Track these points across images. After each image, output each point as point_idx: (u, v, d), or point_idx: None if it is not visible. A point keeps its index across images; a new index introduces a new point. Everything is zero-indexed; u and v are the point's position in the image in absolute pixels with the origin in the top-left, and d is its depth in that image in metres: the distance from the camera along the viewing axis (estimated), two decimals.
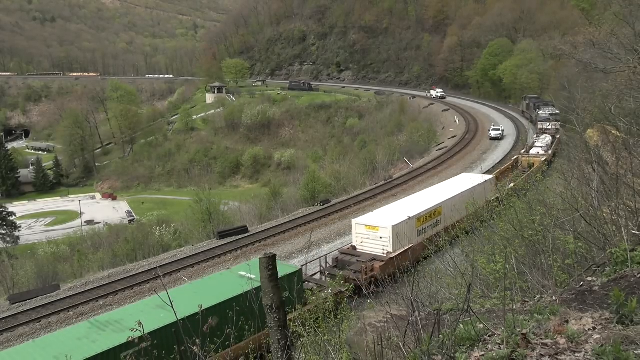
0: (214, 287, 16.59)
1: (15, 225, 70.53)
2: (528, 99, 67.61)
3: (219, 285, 16.58)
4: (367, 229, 22.71)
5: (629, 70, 18.10)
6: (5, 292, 28.40)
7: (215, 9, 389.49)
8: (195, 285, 18.21)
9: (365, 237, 22.70)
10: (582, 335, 3.65)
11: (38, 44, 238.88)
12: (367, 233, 22.66)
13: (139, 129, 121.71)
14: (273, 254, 5.10)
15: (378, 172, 52.80)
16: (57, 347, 13.10)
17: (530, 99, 66.85)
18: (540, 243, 9.37)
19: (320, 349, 7.14)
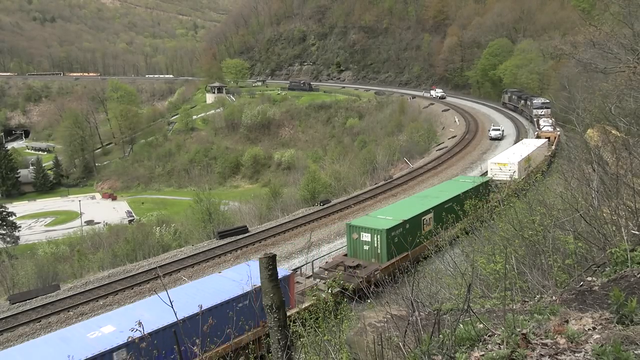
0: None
1: (15, 225, 70.52)
2: (509, 92, 78.79)
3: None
4: (498, 165, 33.41)
5: (629, 70, 18.10)
6: (5, 292, 28.40)
7: (215, 9, 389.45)
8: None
9: (497, 170, 33.15)
10: (582, 335, 3.65)
11: (38, 44, 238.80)
12: (499, 167, 33.21)
13: (139, 129, 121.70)
14: (273, 254, 5.10)
15: (378, 172, 52.80)
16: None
17: (511, 92, 78.11)
18: (540, 243, 9.37)
19: (320, 349, 7.14)
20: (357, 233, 21.82)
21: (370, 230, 21.49)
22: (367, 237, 21.48)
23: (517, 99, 74.38)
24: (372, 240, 21.35)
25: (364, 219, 23.56)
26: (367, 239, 21.47)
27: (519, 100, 73.50)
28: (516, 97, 75.07)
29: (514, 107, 75.47)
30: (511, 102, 77.61)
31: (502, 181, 29.91)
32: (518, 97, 74.21)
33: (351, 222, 23.06)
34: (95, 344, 13.40)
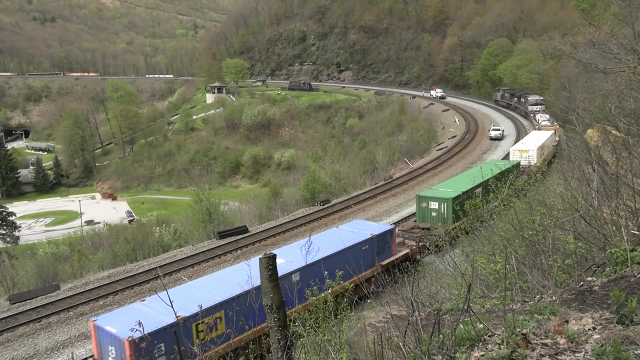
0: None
1: (15, 225, 70.52)
2: (502, 90, 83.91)
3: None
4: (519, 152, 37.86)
5: (629, 70, 18.10)
6: (5, 292, 28.38)
7: (215, 9, 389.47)
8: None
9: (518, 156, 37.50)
10: (582, 335, 3.65)
11: (38, 44, 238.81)
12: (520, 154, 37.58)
13: (139, 129, 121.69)
14: (273, 254, 5.10)
15: (378, 172, 52.79)
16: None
17: (503, 90, 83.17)
18: (540, 243, 9.37)
19: (320, 349, 7.14)
20: (425, 202, 26.47)
21: (437, 199, 25.98)
22: (434, 205, 26.15)
23: (509, 96, 79.25)
24: (439, 208, 25.84)
25: (430, 190, 28.56)
26: (435, 207, 26.07)
27: (511, 97, 78.15)
28: (509, 95, 79.81)
29: (507, 105, 79.69)
30: (504, 99, 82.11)
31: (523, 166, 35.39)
32: (511, 94, 78.88)
33: (420, 193, 27.92)
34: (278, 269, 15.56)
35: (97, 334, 14.70)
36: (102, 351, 14.59)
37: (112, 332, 13.92)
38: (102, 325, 14.42)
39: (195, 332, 14.35)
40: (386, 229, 22.54)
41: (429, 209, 26.32)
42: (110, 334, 13.99)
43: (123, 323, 13.85)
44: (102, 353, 14.55)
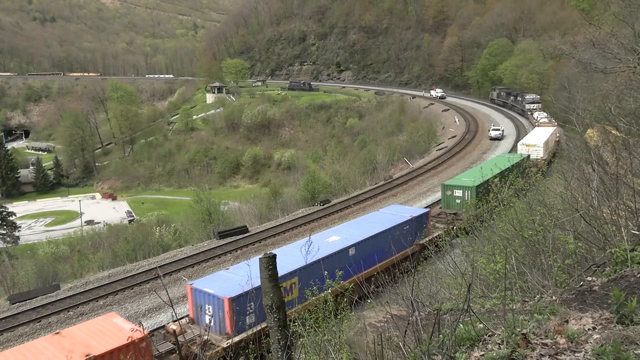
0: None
1: (15, 225, 70.55)
2: (497, 89, 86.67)
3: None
4: (527, 146, 39.98)
5: (629, 70, 18.09)
6: (5, 292, 28.38)
7: (215, 9, 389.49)
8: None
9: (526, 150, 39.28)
10: (582, 335, 3.65)
11: (38, 44, 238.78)
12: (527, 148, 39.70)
13: (139, 129, 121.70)
14: (273, 254, 5.11)
15: (378, 172, 52.79)
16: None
17: (499, 89, 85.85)
18: (540, 243, 9.37)
19: (320, 349, 7.14)
20: (450, 190, 29.24)
21: (461, 188, 28.55)
22: (459, 193, 28.67)
23: (506, 95, 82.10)
24: (462, 195, 28.31)
25: (454, 180, 31.17)
26: (459, 194, 28.57)
27: (508, 96, 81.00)
28: (505, 94, 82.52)
29: (503, 103, 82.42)
30: (500, 98, 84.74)
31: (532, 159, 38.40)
32: (507, 93, 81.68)
33: (445, 182, 30.77)
34: (335, 244, 19.83)
35: (193, 296, 16.87)
36: (197, 311, 17.06)
37: (210, 292, 16.11)
38: (199, 287, 16.62)
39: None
40: (423, 212, 25.20)
41: (453, 196, 28.95)
42: (208, 294, 16.18)
43: (217, 286, 16.34)
44: (199, 312, 16.99)
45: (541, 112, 61.91)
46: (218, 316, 15.85)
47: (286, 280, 16.63)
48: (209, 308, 16.22)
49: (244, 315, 15.73)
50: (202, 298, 16.55)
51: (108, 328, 13.70)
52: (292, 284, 17.18)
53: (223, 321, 15.71)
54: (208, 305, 16.26)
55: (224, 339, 15.42)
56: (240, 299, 15.34)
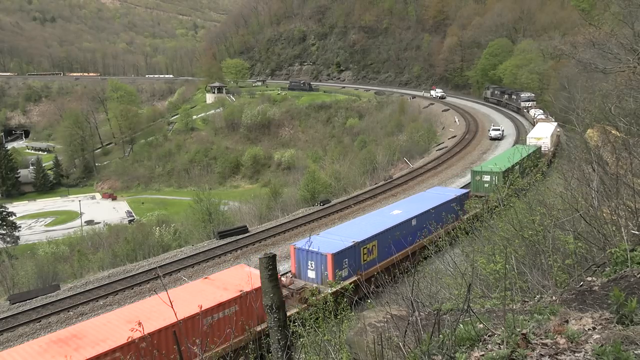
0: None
1: (15, 225, 70.54)
2: (491, 88, 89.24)
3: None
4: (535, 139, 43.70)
5: (629, 70, 18.10)
6: (5, 292, 28.38)
7: (215, 9, 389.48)
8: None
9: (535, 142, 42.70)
10: (582, 335, 3.65)
11: (38, 44, 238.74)
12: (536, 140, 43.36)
13: (139, 129, 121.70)
14: (273, 254, 5.10)
15: (378, 172, 52.79)
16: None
17: (493, 87, 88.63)
18: (540, 243, 9.37)
19: (320, 349, 7.14)
20: (479, 176, 32.71)
21: (489, 173, 32.04)
22: (487, 178, 31.96)
23: (500, 94, 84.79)
24: (490, 179, 31.49)
25: (482, 166, 34.89)
26: (487, 179, 31.90)
27: (502, 95, 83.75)
28: (499, 93, 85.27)
29: (497, 101, 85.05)
30: (493, 96, 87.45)
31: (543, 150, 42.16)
32: (501, 92, 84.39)
33: (474, 168, 34.81)
34: (400, 216, 23.32)
35: (296, 254, 20.31)
36: (300, 267, 20.34)
37: (314, 250, 19.26)
38: (301, 247, 20.15)
39: (362, 254, 20.63)
40: (465, 191, 29.44)
41: (482, 181, 32.28)
42: (311, 252, 19.47)
43: (318, 246, 19.35)
44: (301, 268, 20.32)
45: (537, 110, 64.93)
46: (320, 269, 19.45)
47: (369, 242, 21.02)
48: (312, 264, 19.75)
49: (340, 269, 19.44)
50: (304, 256, 19.94)
51: (246, 273, 17.25)
52: (372, 246, 21.20)
53: (325, 273, 19.30)
54: (311, 261, 19.78)
55: (327, 287, 18.15)
56: (339, 255, 19.39)
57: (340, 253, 19.43)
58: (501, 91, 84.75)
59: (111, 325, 13.59)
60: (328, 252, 19.12)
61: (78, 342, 12.68)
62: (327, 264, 19.14)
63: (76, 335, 13.05)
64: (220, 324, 14.57)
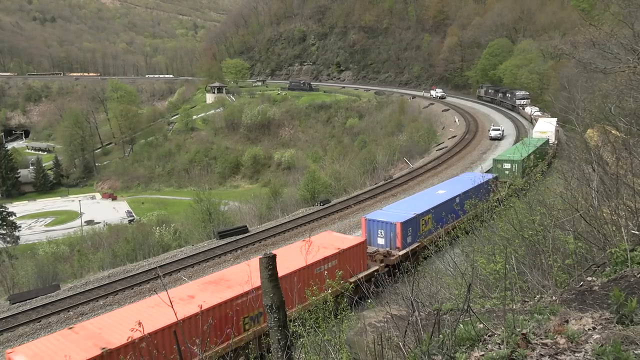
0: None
1: (15, 225, 70.53)
2: (485, 87, 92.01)
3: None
4: (540, 133, 45.84)
5: (629, 70, 18.08)
6: (5, 292, 28.39)
7: (215, 9, 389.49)
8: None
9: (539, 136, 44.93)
10: (582, 335, 3.65)
11: (38, 44, 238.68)
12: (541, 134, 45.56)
13: (139, 129, 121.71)
14: (273, 254, 5.11)
15: (378, 172, 52.78)
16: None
17: (487, 86, 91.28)
18: (540, 243, 9.37)
19: (320, 349, 7.14)
20: (500, 164, 35.90)
21: (510, 161, 35.19)
22: (507, 165, 35.20)
23: (494, 92, 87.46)
24: (511, 167, 34.84)
25: (502, 155, 38.71)
26: (508, 166, 35.15)
27: (496, 93, 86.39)
28: (493, 91, 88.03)
29: (491, 100, 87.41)
30: (487, 95, 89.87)
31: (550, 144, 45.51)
32: (495, 90, 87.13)
33: (495, 157, 38.22)
34: (445, 195, 26.39)
35: (367, 225, 23.48)
36: (370, 235, 23.30)
37: (384, 220, 23.02)
38: (372, 218, 23.66)
39: (421, 224, 23.95)
40: (493, 176, 32.13)
41: (503, 168, 35.37)
42: (381, 221, 23.08)
43: (387, 217, 23.45)
44: (371, 236, 23.29)
45: (533, 107, 67.62)
46: (390, 237, 22.83)
47: (425, 215, 24.37)
48: (381, 232, 23.05)
49: (406, 236, 22.78)
50: (375, 225, 23.28)
51: (335, 236, 21.41)
52: (428, 218, 24.60)
53: (394, 240, 22.73)
54: (380, 230, 23.09)
55: (396, 251, 22.34)
56: (406, 224, 22.80)
57: (407, 222, 22.87)
58: (495, 90, 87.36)
59: (245, 272, 15.52)
60: (397, 221, 22.62)
61: (227, 283, 16.28)
62: (396, 231, 22.60)
63: (222, 279, 16.84)
64: (323, 274, 17.69)
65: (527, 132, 58.48)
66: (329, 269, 18.25)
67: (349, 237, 22.42)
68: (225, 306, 14.81)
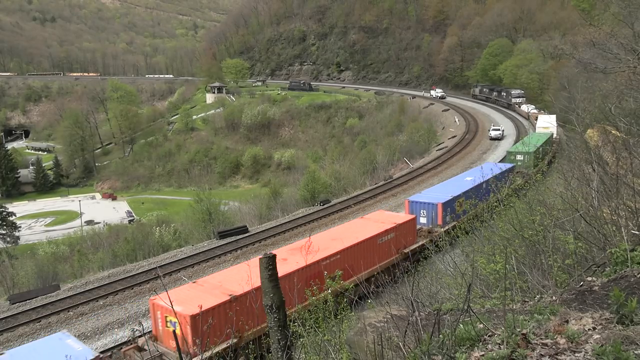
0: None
1: (15, 225, 70.52)
2: (479, 86, 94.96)
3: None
4: (543, 129, 48.98)
5: (629, 70, 18.10)
6: (5, 292, 28.39)
7: (215, 9, 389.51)
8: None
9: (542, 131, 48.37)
10: (582, 335, 3.65)
11: (38, 44, 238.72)
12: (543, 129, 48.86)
13: (139, 129, 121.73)
14: (273, 254, 5.10)
15: (378, 172, 52.79)
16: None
17: (481, 85, 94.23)
18: (540, 243, 9.37)
19: (320, 349, 7.14)
20: (513, 155, 38.76)
21: (522, 153, 38.36)
22: (520, 157, 38.37)
23: (488, 91, 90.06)
24: (523, 158, 38.04)
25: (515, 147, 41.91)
26: (520, 158, 38.27)
27: (491, 92, 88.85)
28: (487, 90, 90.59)
29: (486, 98, 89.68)
30: (482, 94, 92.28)
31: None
32: (490, 89, 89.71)
33: (509, 149, 42.33)
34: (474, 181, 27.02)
35: (410, 206, 26.69)
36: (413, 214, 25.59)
37: (426, 201, 26.06)
38: (415, 200, 26.93)
39: (456, 205, 26.68)
40: (512, 165, 35.47)
41: (516, 159, 38.48)
42: (423, 202, 26.16)
43: (427, 199, 26.49)
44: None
45: (529, 105, 70.05)
46: (431, 216, 25.66)
47: (460, 197, 26.96)
48: (423, 212, 25.88)
49: (445, 215, 25.60)
50: (417, 207, 26.29)
51: (388, 214, 25.03)
52: (462, 200, 26.90)
53: (436, 218, 25.60)
54: (422, 210, 25.95)
55: (438, 228, 24.93)
56: (445, 204, 25.66)
57: (446, 203, 25.78)
58: (489, 89, 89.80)
59: (326, 239, 20.65)
60: (439, 202, 25.68)
61: (309, 250, 18.57)
62: (437, 211, 25.54)
63: (304, 247, 18.73)
64: (384, 245, 21.23)
65: (527, 131, 58.52)
66: (388, 241, 21.43)
67: (400, 214, 25.94)
68: (314, 266, 17.78)
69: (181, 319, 13.90)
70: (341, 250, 19.29)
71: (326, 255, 18.53)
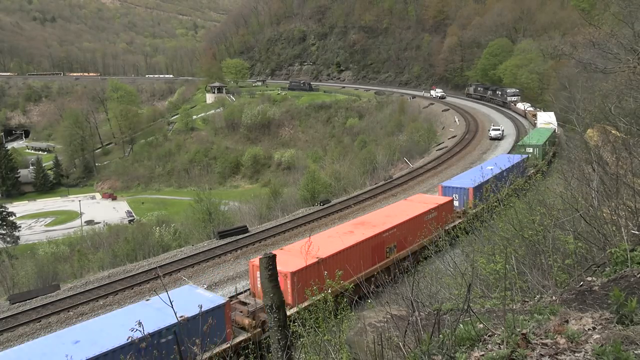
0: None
1: (15, 225, 70.51)
2: (474, 85, 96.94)
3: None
4: (545, 124, 51.68)
5: (629, 70, 18.10)
6: (5, 292, 28.39)
7: (215, 9, 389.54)
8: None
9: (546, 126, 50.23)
10: (582, 335, 3.65)
11: (38, 44, 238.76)
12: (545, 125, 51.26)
13: (139, 129, 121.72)
14: (273, 254, 5.10)
15: (378, 172, 52.78)
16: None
17: (476, 84, 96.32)
18: (540, 243, 9.36)
19: (320, 349, 7.13)
20: (524, 148, 41.53)
21: (532, 146, 41.57)
22: (529, 150, 41.12)
23: (483, 90, 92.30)
24: (533, 151, 40.91)
25: (525, 140, 44.90)
26: (530, 150, 41.02)
27: (485, 91, 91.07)
28: (482, 89, 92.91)
29: (481, 97, 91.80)
30: (477, 92, 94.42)
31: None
32: (484, 88, 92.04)
33: (519, 143, 45.44)
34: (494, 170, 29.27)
35: (443, 190, 29.27)
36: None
37: (458, 186, 28.97)
38: (447, 185, 29.68)
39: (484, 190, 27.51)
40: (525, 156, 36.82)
41: (526, 151, 40.75)
42: (456, 187, 29.00)
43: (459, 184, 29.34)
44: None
45: (525, 103, 72.46)
46: (463, 199, 28.37)
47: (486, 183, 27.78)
48: (455, 196, 28.45)
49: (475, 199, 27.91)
50: (450, 190, 28.85)
51: (427, 197, 28.56)
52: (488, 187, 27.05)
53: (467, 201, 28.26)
54: (455, 194, 28.53)
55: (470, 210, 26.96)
56: (476, 188, 28.07)
57: (476, 187, 28.13)
58: (484, 87, 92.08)
59: (381, 216, 24.52)
60: (470, 187, 28.31)
61: (370, 224, 22.96)
62: (468, 194, 28.27)
63: (364, 223, 23.31)
64: (428, 222, 23.53)
65: (527, 131, 58.52)
66: (432, 218, 24.35)
67: (438, 196, 28.77)
68: (377, 237, 21.54)
69: (281, 277, 15.64)
70: (397, 225, 22.88)
71: (385, 228, 22.31)
